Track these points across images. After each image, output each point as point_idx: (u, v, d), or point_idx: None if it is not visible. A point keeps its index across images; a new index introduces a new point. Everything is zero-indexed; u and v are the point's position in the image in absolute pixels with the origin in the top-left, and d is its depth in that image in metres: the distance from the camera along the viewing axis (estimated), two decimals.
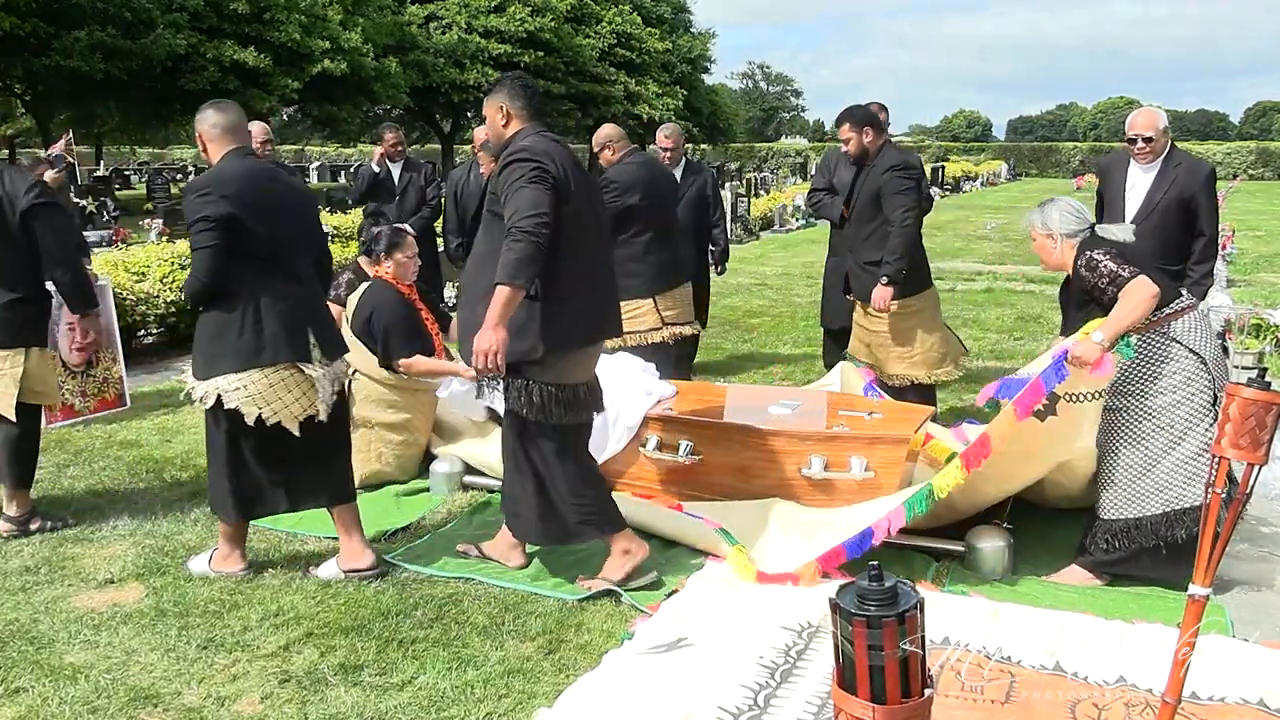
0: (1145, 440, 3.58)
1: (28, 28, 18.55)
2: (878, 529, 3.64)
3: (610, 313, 3.68)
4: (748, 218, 18.17)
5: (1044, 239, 3.79)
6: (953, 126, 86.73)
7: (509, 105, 3.55)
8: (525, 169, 3.32)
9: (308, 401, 3.58)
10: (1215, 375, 3.52)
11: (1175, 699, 2.32)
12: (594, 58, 35.00)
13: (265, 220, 3.49)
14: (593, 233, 3.56)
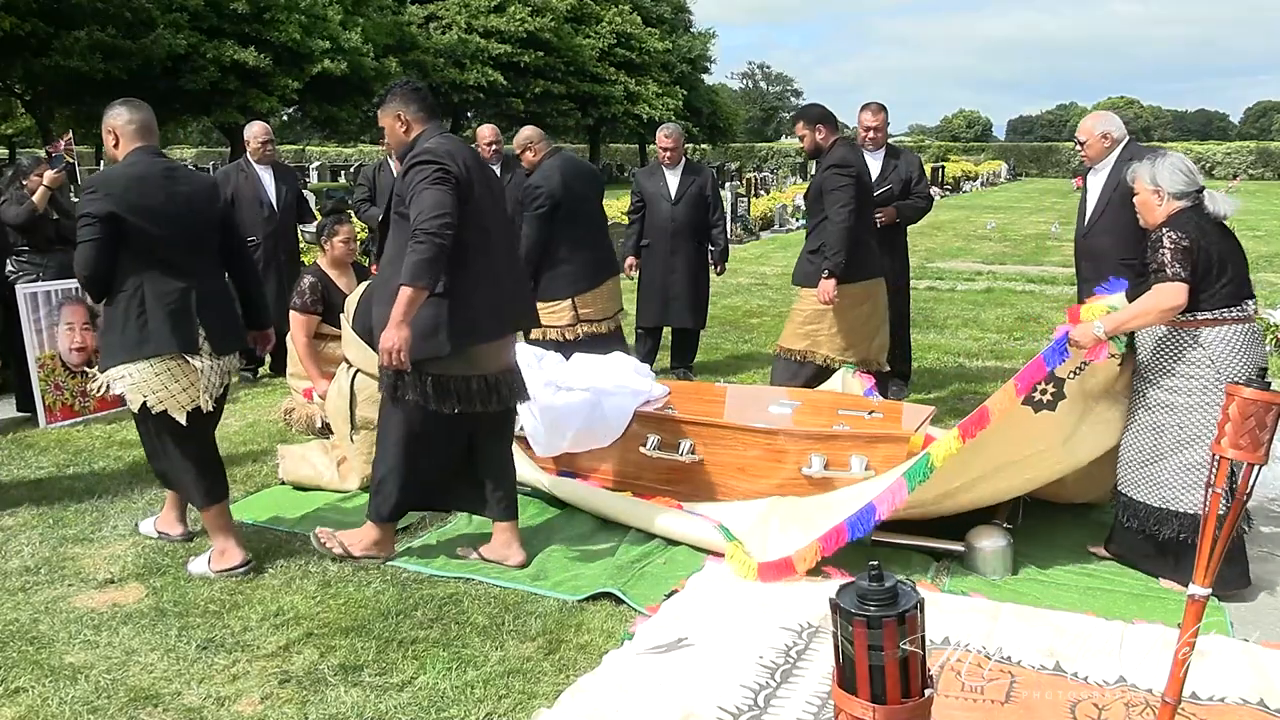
0: (1156, 431, 3.59)
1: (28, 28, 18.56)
2: (879, 503, 3.68)
3: (520, 305, 3.83)
4: (748, 218, 18.17)
5: (1150, 194, 3.64)
6: (953, 126, 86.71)
7: (405, 112, 3.65)
8: (428, 171, 3.43)
9: (196, 391, 3.69)
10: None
11: (1175, 699, 2.33)
12: (594, 58, 35.03)
13: (153, 219, 3.59)
14: (498, 228, 3.70)
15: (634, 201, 6.83)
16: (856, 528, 3.67)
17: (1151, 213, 3.66)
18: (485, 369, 3.64)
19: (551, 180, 5.70)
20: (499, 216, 3.74)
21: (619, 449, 4.60)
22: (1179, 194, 3.58)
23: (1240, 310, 3.53)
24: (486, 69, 30.98)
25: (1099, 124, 4.87)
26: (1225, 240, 3.58)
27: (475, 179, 3.54)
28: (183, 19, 21.09)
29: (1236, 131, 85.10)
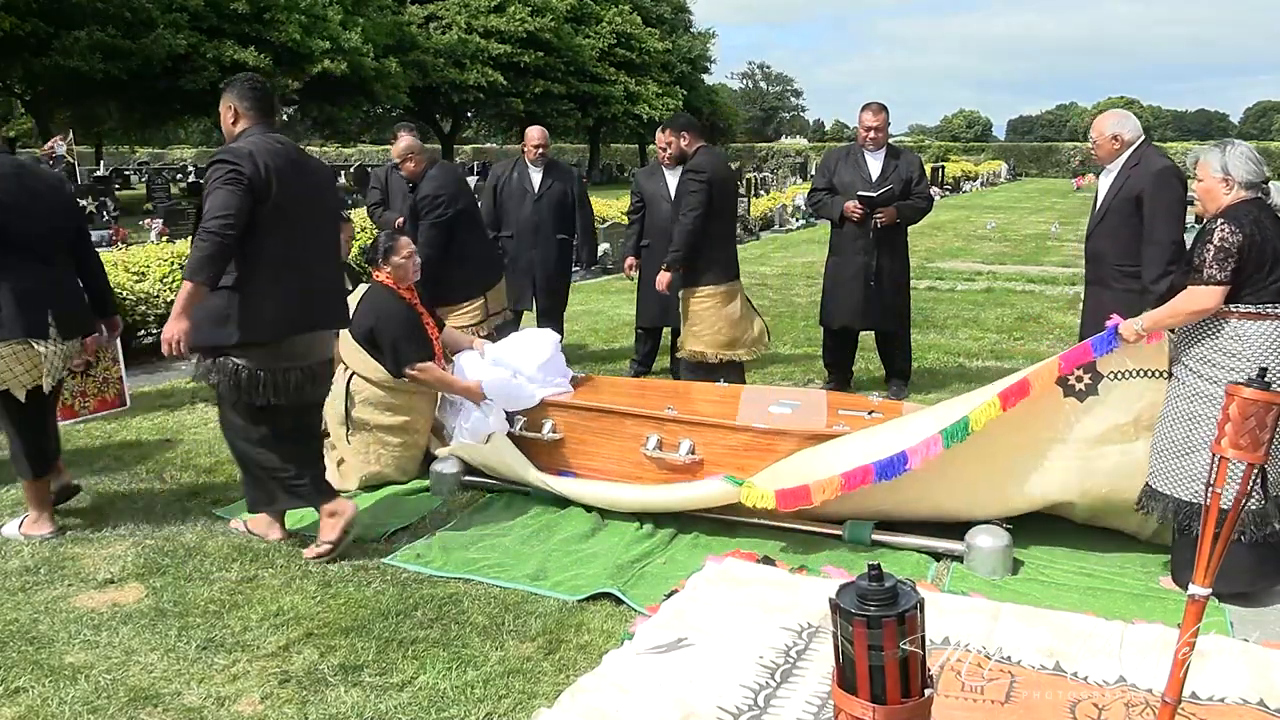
0: (1193, 422, 3.47)
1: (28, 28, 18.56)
2: (913, 454, 3.71)
3: (326, 303, 3.93)
4: (748, 218, 18.17)
5: (1217, 182, 3.50)
6: (953, 126, 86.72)
7: (238, 104, 3.81)
8: (221, 170, 3.59)
9: (38, 373, 3.98)
10: None
11: (1175, 699, 2.33)
12: (594, 58, 35.03)
13: (18, 213, 3.87)
14: (312, 226, 3.83)
15: (634, 202, 6.82)
16: (886, 471, 3.72)
17: (1216, 200, 3.52)
18: (299, 360, 3.80)
19: (449, 187, 5.95)
20: (316, 215, 3.87)
21: (619, 449, 4.60)
22: (1248, 184, 3.46)
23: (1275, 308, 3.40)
24: (486, 69, 30.97)
25: (1111, 124, 4.80)
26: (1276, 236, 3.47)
27: (282, 180, 3.65)
28: (183, 19, 21.10)
29: (1236, 131, 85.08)
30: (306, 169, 3.85)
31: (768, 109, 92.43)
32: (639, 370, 6.86)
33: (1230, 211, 3.44)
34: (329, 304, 3.95)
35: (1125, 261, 4.76)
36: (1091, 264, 5.03)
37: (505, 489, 4.64)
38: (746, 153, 54.90)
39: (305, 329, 3.81)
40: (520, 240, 6.92)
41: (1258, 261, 3.37)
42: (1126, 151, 4.74)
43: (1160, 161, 4.73)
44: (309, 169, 3.88)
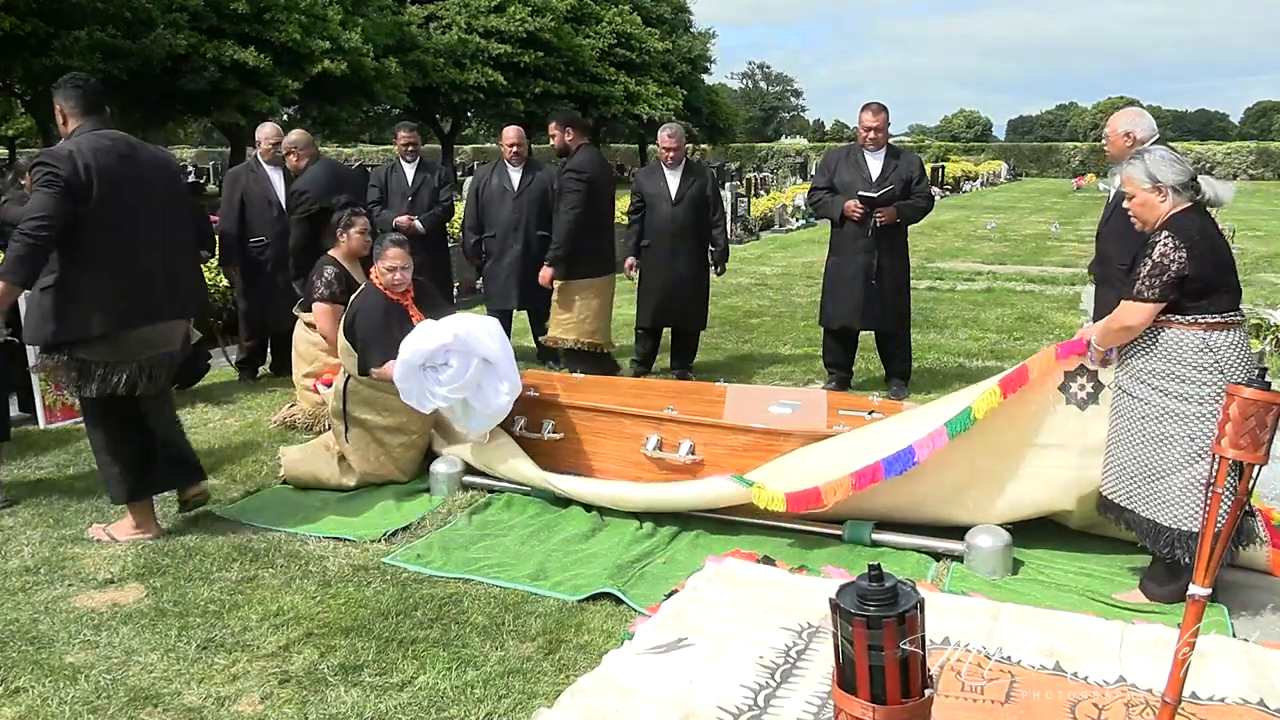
0: (1164, 443, 3.33)
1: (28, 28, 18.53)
2: (919, 447, 3.73)
3: (167, 294, 3.99)
4: (748, 218, 18.17)
5: (1149, 193, 3.39)
6: (953, 126, 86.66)
7: (64, 105, 3.89)
8: (40, 173, 3.69)
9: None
10: None
11: (1175, 699, 2.33)
12: (594, 58, 35.00)
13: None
14: (146, 223, 3.91)
15: (634, 202, 6.83)
16: (893, 467, 3.74)
17: (1155, 211, 3.40)
18: (141, 353, 3.90)
19: (317, 185, 6.01)
20: (150, 207, 3.92)
21: (619, 449, 4.61)
22: (1181, 185, 3.35)
23: (1240, 315, 3.36)
24: (486, 69, 30.94)
25: (1124, 121, 4.78)
26: (1224, 240, 3.42)
27: (107, 177, 3.74)
28: (183, 19, 21.06)
29: (1236, 131, 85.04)
30: (138, 162, 3.92)
31: (768, 109, 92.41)
32: (639, 370, 6.86)
33: (1174, 223, 3.33)
34: (170, 294, 4.02)
35: (1129, 262, 4.75)
36: (1099, 263, 5.04)
37: (505, 489, 4.64)
38: (746, 153, 54.87)
39: (143, 322, 3.90)
40: (502, 239, 6.95)
41: (1212, 271, 3.28)
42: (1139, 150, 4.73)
43: None
44: (142, 162, 3.95)
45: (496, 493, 4.63)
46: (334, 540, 4.08)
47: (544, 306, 7.24)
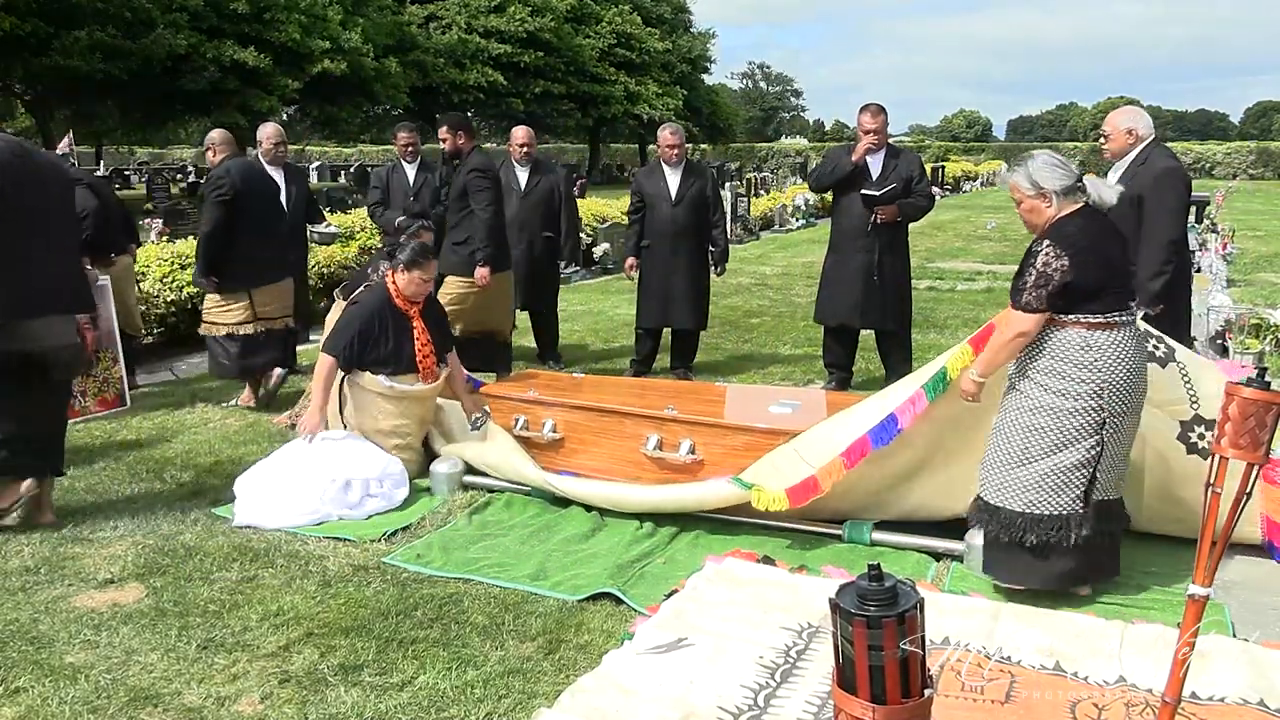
0: (1030, 433, 3.41)
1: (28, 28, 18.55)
2: (901, 413, 3.78)
3: (55, 291, 4.14)
4: (748, 218, 18.18)
5: (1035, 199, 3.42)
6: (953, 126, 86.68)
7: None
8: None
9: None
10: (1110, 403, 3.33)
11: (1175, 699, 2.32)
12: (594, 58, 35.02)
13: None
14: (41, 217, 4.06)
15: (634, 202, 6.83)
16: (880, 438, 3.78)
17: (1042, 216, 3.41)
18: (31, 343, 4.03)
19: (230, 177, 6.05)
20: (41, 213, 4.06)
21: (619, 449, 4.60)
22: (1066, 190, 3.37)
23: (1128, 314, 3.39)
24: (486, 69, 30.97)
25: (1126, 119, 4.77)
26: (1114, 241, 3.43)
27: (14, 179, 3.89)
28: (183, 19, 21.07)
29: (1237, 131, 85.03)
30: (37, 165, 4.12)
31: (768, 109, 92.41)
32: (639, 370, 6.86)
33: (1056, 229, 3.35)
34: (58, 291, 4.17)
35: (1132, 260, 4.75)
36: None
37: (505, 489, 4.64)
38: (746, 153, 54.91)
39: (34, 314, 4.03)
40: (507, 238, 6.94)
41: (1097, 275, 3.30)
42: (1138, 148, 4.72)
43: (1165, 162, 4.72)
44: (40, 165, 4.12)
45: (496, 493, 4.63)
46: (334, 540, 4.08)
47: (547, 307, 7.25)
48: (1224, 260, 11.43)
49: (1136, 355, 3.40)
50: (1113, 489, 3.49)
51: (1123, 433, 3.42)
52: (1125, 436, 3.45)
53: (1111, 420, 3.36)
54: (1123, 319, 3.36)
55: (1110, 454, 3.41)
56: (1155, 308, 4.65)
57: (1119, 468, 3.48)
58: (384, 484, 4.47)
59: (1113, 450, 3.41)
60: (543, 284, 7.14)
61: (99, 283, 6.26)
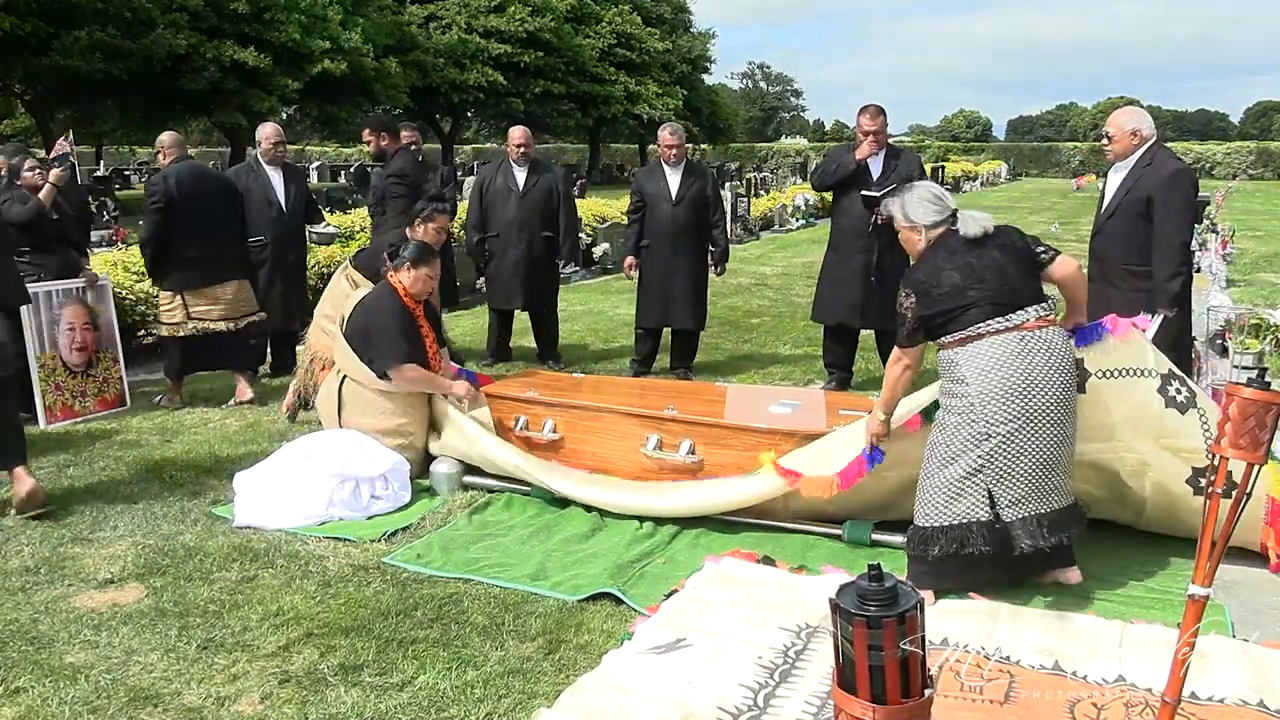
0: (932, 449, 3.57)
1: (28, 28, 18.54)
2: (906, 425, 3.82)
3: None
4: (748, 218, 18.17)
5: (909, 231, 3.64)
6: (953, 126, 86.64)
7: None
8: None
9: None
10: (989, 413, 3.37)
11: (1175, 699, 2.32)
12: (594, 58, 35.02)
13: None
14: None
15: (634, 202, 6.83)
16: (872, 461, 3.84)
17: (915, 248, 3.65)
18: None
19: (169, 179, 6.15)
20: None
21: (620, 449, 4.60)
22: (933, 224, 3.57)
23: (1000, 323, 3.41)
24: (486, 69, 30.96)
25: (1130, 120, 4.78)
26: (980, 259, 3.47)
27: None
28: (183, 19, 21.07)
29: (1237, 131, 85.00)
30: None
31: (768, 109, 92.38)
32: (639, 370, 6.86)
33: (908, 270, 3.62)
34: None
35: (1133, 261, 4.76)
36: (1096, 262, 5.03)
37: (505, 489, 4.64)
38: (746, 153, 54.90)
39: None
40: (505, 239, 6.95)
41: (941, 303, 3.45)
42: (1142, 148, 4.73)
43: (1173, 164, 4.75)
44: None
45: (496, 493, 4.63)
46: (334, 540, 4.08)
47: (547, 307, 7.25)
48: (1224, 260, 11.43)
49: (1015, 361, 3.37)
50: (1027, 504, 3.37)
51: (1015, 442, 3.35)
52: (1022, 446, 3.35)
53: (994, 429, 3.36)
54: (980, 330, 3.41)
55: (1003, 466, 3.36)
56: (1173, 309, 4.65)
57: (1027, 481, 3.37)
58: (390, 484, 4.47)
59: (1005, 463, 3.36)
60: (542, 284, 7.14)
61: (99, 282, 6.27)
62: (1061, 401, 3.41)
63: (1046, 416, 3.38)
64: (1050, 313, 3.49)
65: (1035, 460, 3.38)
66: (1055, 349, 3.42)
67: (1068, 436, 3.45)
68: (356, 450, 4.48)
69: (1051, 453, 3.39)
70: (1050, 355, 3.40)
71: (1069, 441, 3.47)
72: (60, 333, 5.99)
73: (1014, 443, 3.37)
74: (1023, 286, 3.47)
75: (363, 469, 4.40)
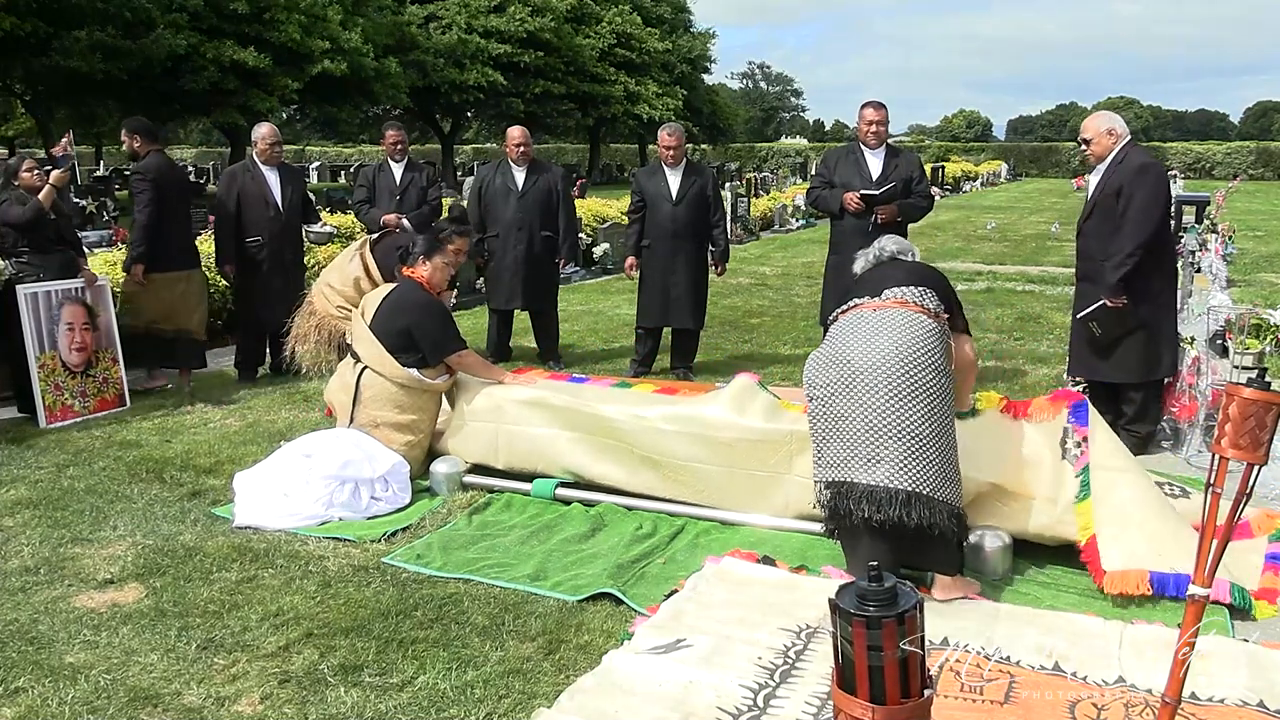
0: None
1: (28, 28, 18.53)
2: None
3: None
4: (748, 218, 18.17)
5: None
6: (953, 126, 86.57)
7: None
8: None
9: None
10: (809, 386, 3.57)
11: (1175, 699, 2.32)
12: (594, 58, 35.00)
13: None
14: None
15: (634, 202, 6.83)
16: None
17: None
18: None
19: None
20: None
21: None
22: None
23: (843, 311, 3.84)
24: (486, 69, 30.94)
25: (1105, 121, 4.93)
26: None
27: None
28: (183, 19, 21.06)
29: (1236, 131, 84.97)
30: None
31: (768, 109, 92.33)
32: (639, 370, 6.86)
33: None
34: None
35: (1103, 255, 4.88)
36: (1082, 261, 5.10)
37: (505, 489, 4.64)
38: (746, 153, 54.88)
39: None
40: (505, 238, 6.95)
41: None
42: (1117, 147, 4.89)
43: (1142, 158, 4.93)
44: None
45: (496, 493, 4.63)
46: (334, 540, 4.08)
47: (547, 307, 7.25)
48: (1224, 260, 11.43)
49: (833, 337, 3.69)
50: (839, 469, 3.43)
51: (828, 406, 3.49)
52: (833, 410, 3.46)
53: (814, 394, 3.57)
54: (834, 318, 3.89)
55: (822, 430, 3.52)
56: (1116, 298, 4.77)
57: (840, 445, 3.43)
58: (390, 486, 4.47)
59: (823, 426, 3.52)
60: (542, 284, 7.14)
61: (99, 282, 6.27)
62: (847, 371, 3.48)
63: (839, 386, 3.48)
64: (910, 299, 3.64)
65: (837, 427, 3.47)
66: (886, 322, 3.54)
67: (894, 408, 3.37)
68: (355, 452, 4.48)
69: (846, 422, 3.44)
70: (855, 327, 3.61)
71: (896, 413, 3.37)
72: (60, 333, 5.99)
73: (822, 405, 3.52)
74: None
75: (362, 470, 4.40)
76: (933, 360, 3.43)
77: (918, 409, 3.35)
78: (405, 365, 4.74)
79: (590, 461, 4.52)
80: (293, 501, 4.27)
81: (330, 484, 4.31)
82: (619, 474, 4.47)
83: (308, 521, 4.22)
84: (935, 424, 3.38)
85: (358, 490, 4.37)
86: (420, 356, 4.76)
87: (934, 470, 3.34)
